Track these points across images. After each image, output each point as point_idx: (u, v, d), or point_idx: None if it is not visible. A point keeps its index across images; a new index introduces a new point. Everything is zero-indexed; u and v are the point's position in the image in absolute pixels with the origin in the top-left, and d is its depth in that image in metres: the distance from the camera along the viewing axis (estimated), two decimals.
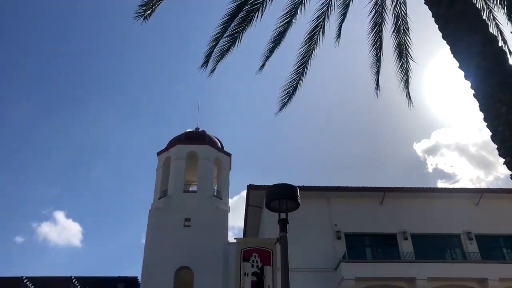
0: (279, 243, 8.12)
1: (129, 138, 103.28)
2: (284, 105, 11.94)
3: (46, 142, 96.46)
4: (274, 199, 8.16)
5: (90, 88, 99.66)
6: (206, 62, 11.57)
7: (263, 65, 11.73)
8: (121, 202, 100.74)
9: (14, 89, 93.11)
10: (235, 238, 22.34)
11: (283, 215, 8.20)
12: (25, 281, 29.49)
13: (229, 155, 35.03)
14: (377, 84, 12.94)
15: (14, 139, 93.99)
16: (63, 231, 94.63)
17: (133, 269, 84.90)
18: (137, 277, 29.33)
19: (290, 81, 11.82)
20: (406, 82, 12.58)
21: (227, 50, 11.45)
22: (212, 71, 11.64)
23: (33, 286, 30.72)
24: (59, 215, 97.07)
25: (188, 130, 35.41)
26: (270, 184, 8.54)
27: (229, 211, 32.04)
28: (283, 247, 7.94)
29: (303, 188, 20.87)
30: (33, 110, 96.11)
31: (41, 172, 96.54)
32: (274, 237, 8.45)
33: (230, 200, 33.54)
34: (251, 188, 25.69)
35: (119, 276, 29.54)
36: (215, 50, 11.52)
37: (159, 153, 34.52)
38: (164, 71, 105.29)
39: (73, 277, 29.45)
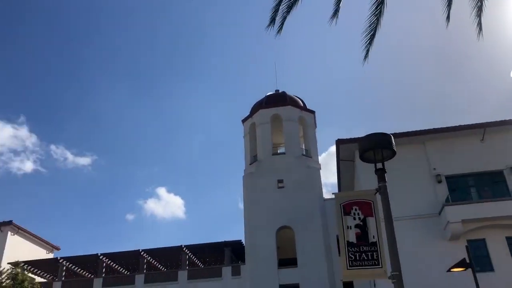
0: (379, 193, 7.93)
1: (215, 110, 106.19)
2: (367, 51, 11.27)
3: (140, 124, 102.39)
4: (369, 150, 7.92)
5: (172, 67, 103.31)
6: (272, 20, 11.18)
7: (336, 11, 11.09)
8: (215, 172, 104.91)
9: (107, 76, 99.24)
10: (333, 193, 22.31)
11: (379, 165, 7.96)
12: (142, 254, 32.15)
13: (312, 112, 34.69)
14: (448, 17, 11.70)
15: (111, 124, 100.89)
16: (167, 205, 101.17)
17: (236, 233, 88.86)
18: (241, 240, 30.63)
19: (369, 25, 11.15)
20: (480, 10, 11.24)
21: (294, 3, 10.96)
22: (280, 28, 11.22)
23: (150, 258, 33.45)
24: (161, 191, 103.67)
25: (268, 94, 35.52)
26: (359, 136, 8.29)
27: (320, 168, 32.02)
28: (383, 197, 7.75)
29: (397, 135, 20.21)
30: (125, 95, 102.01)
31: (140, 153, 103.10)
32: (372, 188, 8.25)
33: (319, 158, 33.44)
34: (340, 142, 25.30)
35: (225, 241, 31.00)
36: (281, 6, 11.09)
37: (243, 120, 35.13)
38: (239, 39, 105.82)
39: (183, 246, 31.45)
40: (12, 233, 37.62)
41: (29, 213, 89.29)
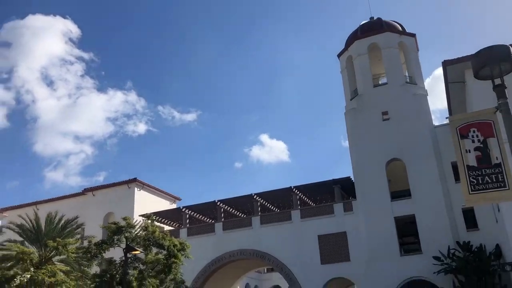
0: (499, 111, 7.24)
1: (308, 50, 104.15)
2: None
3: (235, 74, 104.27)
4: (484, 66, 7.20)
5: (260, 13, 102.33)
6: None
7: None
8: (315, 112, 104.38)
9: (197, 31, 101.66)
10: (446, 118, 21.03)
11: (498, 81, 7.24)
12: (255, 197, 33.66)
13: (413, 35, 32.34)
14: None
15: (208, 78, 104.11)
16: (271, 151, 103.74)
17: (343, 170, 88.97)
18: (349, 177, 30.50)
19: None
20: None
21: None
22: None
23: (262, 200, 34.95)
24: (264, 138, 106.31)
25: (363, 23, 33.69)
26: (467, 54, 7.51)
27: (427, 94, 30.17)
28: (505, 115, 7.06)
29: None
30: (218, 48, 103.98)
31: (239, 103, 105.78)
32: (490, 107, 7.56)
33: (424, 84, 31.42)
34: (447, 63, 23.39)
35: (333, 179, 31.10)
36: None
37: (339, 55, 33.95)
38: None
39: (293, 187, 32.24)
40: (138, 189, 41.52)
41: (149, 170, 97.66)
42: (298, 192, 33.06)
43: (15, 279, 19.82)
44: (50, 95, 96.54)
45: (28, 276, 20.20)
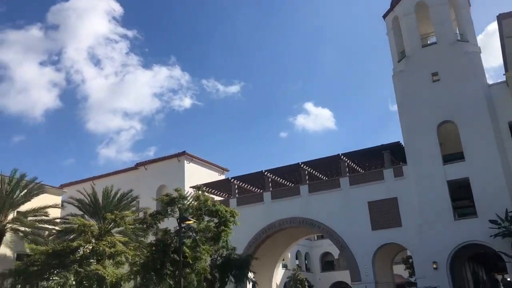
0: None
1: (350, 13, 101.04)
2: None
3: (276, 44, 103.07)
4: None
5: None
6: None
7: None
8: (359, 77, 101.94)
9: (234, 3, 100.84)
10: (504, 74, 19.96)
11: None
12: (302, 166, 33.63)
13: None
14: None
15: (250, 49, 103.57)
16: (316, 118, 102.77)
17: (391, 135, 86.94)
18: (399, 141, 29.73)
19: None
20: None
21: None
22: None
23: (310, 169, 34.88)
24: (309, 106, 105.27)
25: None
26: None
27: (480, 52, 28.62)
28: None
29: None
30: (255, 19, 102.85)
31: (282, 72, 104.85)
32: None
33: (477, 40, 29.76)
34: (502, 17, 21.93)
35: (382, 145, 30.43)
36: None
37: (385, 16, 32.69)
38: None
39: (340, 154, 31.86)
40: (187, 162, 42.52)
41: (197, 143, 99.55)
42: (346, 159, 32.69)
43: (78, 250, 21.03)
44: (98, 74, 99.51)
45: (90, 247, 21.37)
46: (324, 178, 36.32)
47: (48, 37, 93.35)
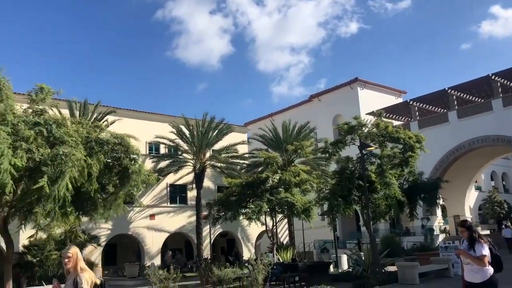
0: None
1: None
2: None
3: None
4: None
5: None
6: None
7: None
8: None
9: None
10: None
11: None
12: (493, 78, 29.64)
13: None
14: None
15: None
16: (506, 23, 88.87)
17: None
18: None
19: None
20: None
21: None
22: None
23: (504, 80, 30.62)
24: (496, 9, 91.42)
25: None
26: None
27: None
28: None
29: None
30: None
31: None
32: None
33: None
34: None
35: None
36: None
37: None
38: None
39: None
40: (360, 88, 41.43)
41: (368, 68, 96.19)
42: None
43: (267, 181, 22.66)
44: (261, 13, 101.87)
45: (277, 177, 22.80)
46: None
47: None
